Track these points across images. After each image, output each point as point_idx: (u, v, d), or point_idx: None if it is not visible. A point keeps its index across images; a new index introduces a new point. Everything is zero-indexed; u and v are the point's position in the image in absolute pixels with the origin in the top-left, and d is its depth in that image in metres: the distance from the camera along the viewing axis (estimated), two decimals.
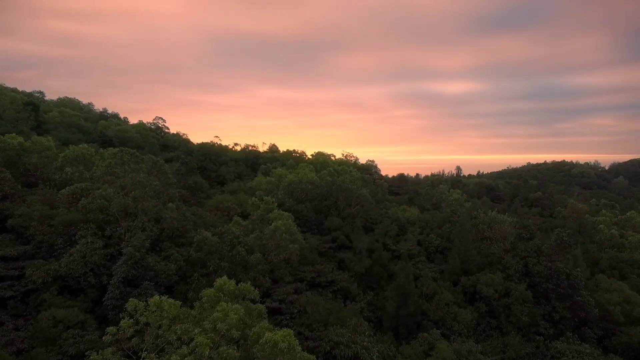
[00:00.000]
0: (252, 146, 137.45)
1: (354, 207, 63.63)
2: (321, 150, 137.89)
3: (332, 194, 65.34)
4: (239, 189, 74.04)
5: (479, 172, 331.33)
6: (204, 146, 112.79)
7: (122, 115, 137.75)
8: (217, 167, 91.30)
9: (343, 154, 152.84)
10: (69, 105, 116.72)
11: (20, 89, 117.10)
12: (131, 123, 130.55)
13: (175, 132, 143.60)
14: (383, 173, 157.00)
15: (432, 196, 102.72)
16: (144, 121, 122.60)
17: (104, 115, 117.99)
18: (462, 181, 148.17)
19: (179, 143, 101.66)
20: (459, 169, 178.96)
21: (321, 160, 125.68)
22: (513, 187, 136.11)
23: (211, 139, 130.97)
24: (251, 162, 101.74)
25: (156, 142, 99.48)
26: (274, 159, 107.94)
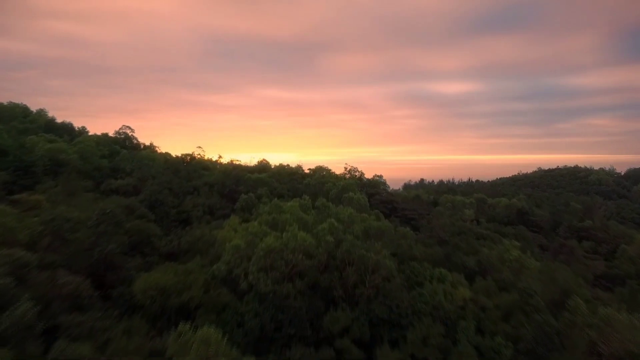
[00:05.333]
0: (237, 161, 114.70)
1: (369, 283, 40.63)
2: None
3: (336, 260, 42.63)
4: (199, 243, 51.25)
5: (497, 178, 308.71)
6: (172, 164, 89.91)
7: (79, 125, 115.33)
8: (180, 199, 68.36)
9: (346, 168, 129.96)
10: (7, 113, 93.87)
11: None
12: (92, 134, 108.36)
13: (148, 144, 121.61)
14: (384, 174, 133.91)
15: (461, 233, 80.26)
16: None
17: (50, 127, 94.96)
18: (487, 202, 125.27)
19: (138, 163, 78.58)
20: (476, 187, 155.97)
21: (320, 180, 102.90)
22: (552, 213, 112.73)
23: (193, 150, 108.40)
24: (229, 188, 78.79)
25: (106, 164, 76.41)
26: (261, 183, 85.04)
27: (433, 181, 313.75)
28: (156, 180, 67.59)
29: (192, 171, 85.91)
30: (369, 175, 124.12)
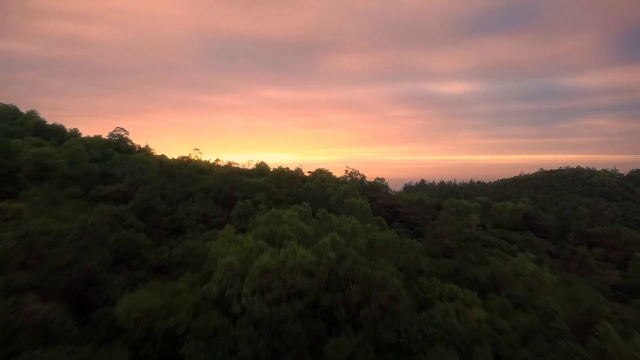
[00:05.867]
0: (235, 164, 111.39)
1: (374, 303, 37.19)
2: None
3: (338, 277, 39.19)
4: (190, 256, 47.92)
5: (499, 179, 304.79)
6: (166, 168, 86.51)
7: (79, 125, 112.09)
8: (173, 206, 64.87)
9: (347, 171, 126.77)
10: None
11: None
12: (84, 137, 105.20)
13: (143, 146, 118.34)
14: (384, 174, 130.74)
15: (467, 240, 77.04)
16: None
17: (40, 129, 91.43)
18: (492, 205, 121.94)
19: (130, 168, 75.06)
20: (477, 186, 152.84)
21: (321, 184, 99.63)
22: (559, 217, 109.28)
23: (190, 152, 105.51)
24: (225, 194, 75.33)
25: (96, 169, 72.86)
26: (259, 188, 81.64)
27: (434, 182, 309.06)
28: (148, 186, 64.11)
29: (187, 175, 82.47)
30: (369, 176, 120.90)
